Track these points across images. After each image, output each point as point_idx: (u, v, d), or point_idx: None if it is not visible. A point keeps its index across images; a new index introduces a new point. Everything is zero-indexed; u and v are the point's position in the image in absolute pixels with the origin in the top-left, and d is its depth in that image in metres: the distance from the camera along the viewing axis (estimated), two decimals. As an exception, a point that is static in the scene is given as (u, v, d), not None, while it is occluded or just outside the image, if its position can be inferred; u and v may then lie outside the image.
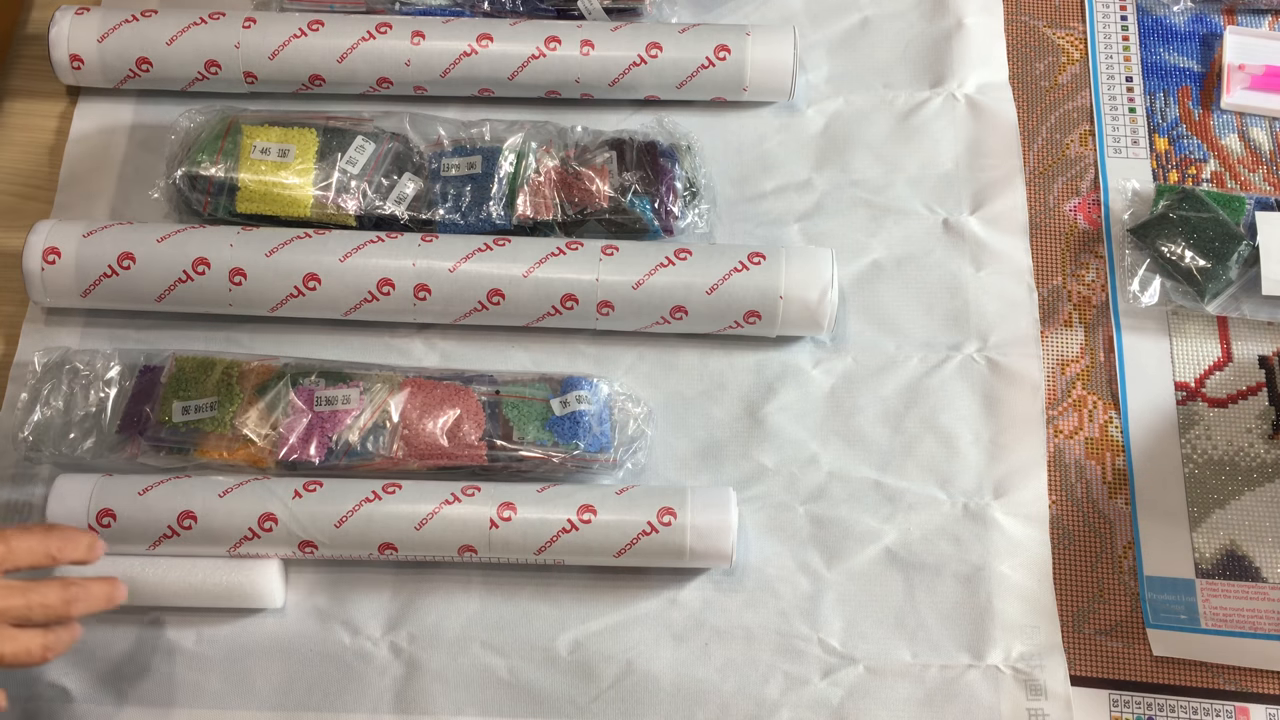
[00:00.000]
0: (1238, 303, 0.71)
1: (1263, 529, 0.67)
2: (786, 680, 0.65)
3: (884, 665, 0.65)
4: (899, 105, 0.78)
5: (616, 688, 0.65)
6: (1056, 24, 0.81)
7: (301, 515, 0.64)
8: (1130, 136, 0.78)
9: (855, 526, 0.68)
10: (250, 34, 0.75)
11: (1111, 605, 0.66)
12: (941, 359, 0.72)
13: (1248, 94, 0.78)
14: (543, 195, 0.72)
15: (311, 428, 0.66)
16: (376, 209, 0.72)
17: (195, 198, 0.72)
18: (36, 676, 0.65)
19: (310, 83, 0.76)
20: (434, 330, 0.73)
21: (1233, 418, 0.70)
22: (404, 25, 0.75)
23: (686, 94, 0.77)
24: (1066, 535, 0.68)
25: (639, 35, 0.76)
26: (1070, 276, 0.74)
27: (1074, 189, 0.76)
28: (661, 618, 0.66)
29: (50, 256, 0.69)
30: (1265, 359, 0.72)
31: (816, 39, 0.81)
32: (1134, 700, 0.64)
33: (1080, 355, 0.72)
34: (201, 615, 0.66)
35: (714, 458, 0.70)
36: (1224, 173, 0.76)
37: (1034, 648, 0.65)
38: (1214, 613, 0.66)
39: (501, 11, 0.79)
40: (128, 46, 0.75)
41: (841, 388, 0.71)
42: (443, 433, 0.67)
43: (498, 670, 0.65)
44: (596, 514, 0.64)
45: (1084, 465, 0.69)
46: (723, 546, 0.64)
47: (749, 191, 0.76)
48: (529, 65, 0.75)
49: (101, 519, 0.64)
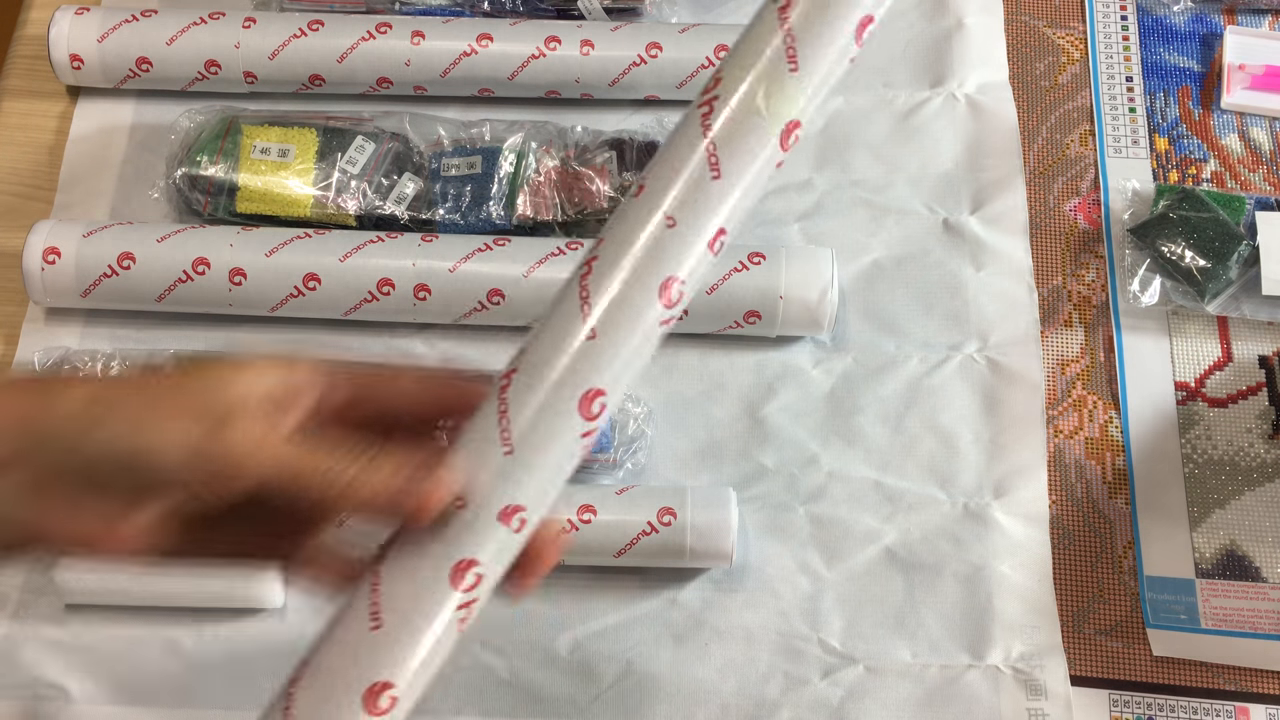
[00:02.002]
0: (1238, 303, 0.71)
1: (1263, 529, 0.67)
2: (786, 680, 0.65)
3: (884, 665, 0.65)
4: (899, 105, 0.78)
5: (616, 688, 0.65)
6: (1056, 24, 0.81)
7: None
8: (1130, 136, 0.78)
9: (855, 526, 0.68)
10: (250, 34, 0.75)
11: (1111, 605, 0.66)
12: (941, 359, 0.72)
13: (1248, 94, 0.78)
14: (543, 195, 0.72)
15: (311, 428, 0.66)
16: (376, 209, 0.72)
17: (195, 198, 0.72)
18: (36, 676, 0.65)
19: (310, 83, 0.76)
20: (434, 330, 0.73)
21: (1233, 418, 0.70)
22: (404, 25, 0.75)
23: (687, 94, 0.77)
24: (1066, 535, 0.68)
25: (639, 35, 0.76)
26: (1070, 276, 0.74)
27: (1074, 189, 0.76)
28: (661, 618, 0.66)
29: (50, 256, 0.69)
30: (1265, 359, 0.72)
31: (816, 39, 0.80)
32: (1134, 700, 0.64)
33: (1080, 355, 0.72)
34: (201, 615, 0.66)
35: (714, 458, 0.70)
36: (1224, 173, 0.76)
37: (1034, 648, 0.65)
38: (1214, 613, 0.66)
39: (501, 11, 0.79)
40: (127, 46, 0.75)
41: (841, 388, 0.71)
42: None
43: (498, 670, 0.65)
44: (596, 514, 0.64)
45: (1084, 465, 0.69)
46: (723, 546, 0.64)
47: (749, 191, 0.76)
48: (529, 65, 0.75)
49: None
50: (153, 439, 0.38)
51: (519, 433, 0.42)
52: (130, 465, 0.39)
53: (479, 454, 0.42)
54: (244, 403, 0.40)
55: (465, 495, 0.41)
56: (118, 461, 0.39)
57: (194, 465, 0.39)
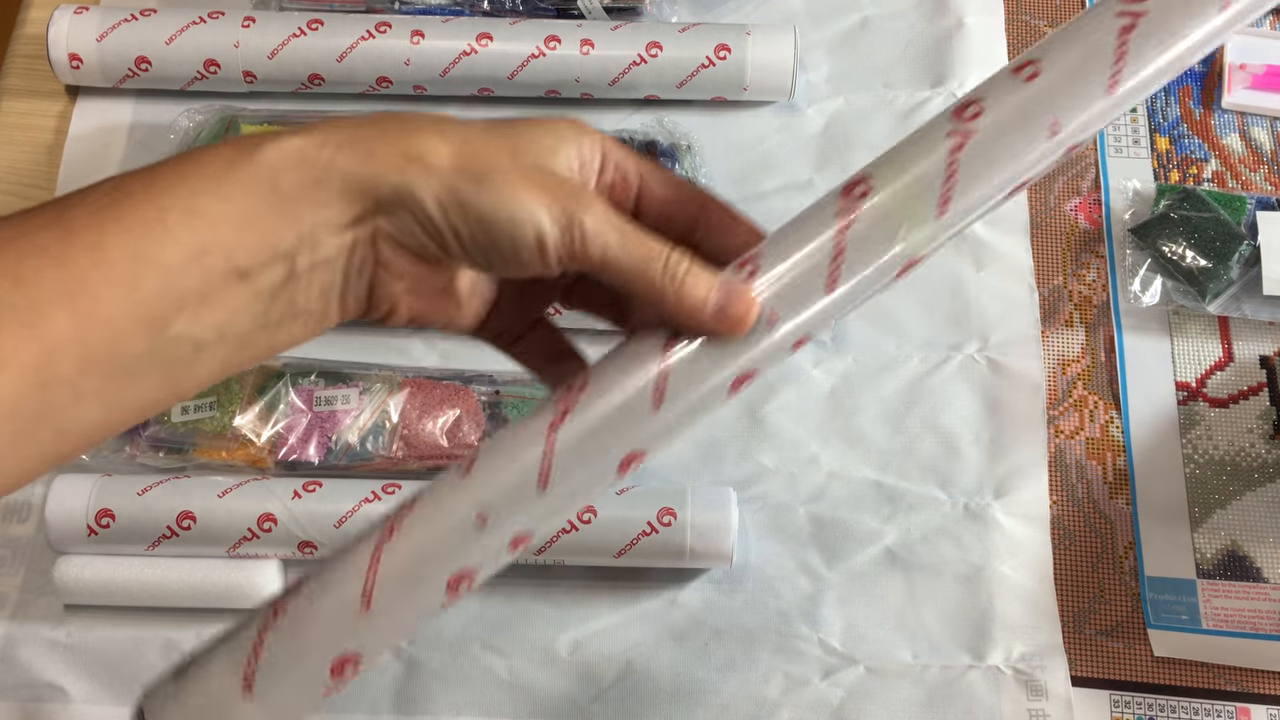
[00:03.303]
0: (1239, 303, 0.71)
1: (1264, 529, 0.67)
2: (787, 680, 0.65)
3: (884, 666, 0.65)
4: (899, 105, 0.78)
5: (616, 688, 0.65)
6: (1057, 23, 0.81)
7: (301, 515, 0.64)
8: (1131, 136, 0.78)
9: (855, 527, 0.68)
10: (249, 33, 0.75)
11: (1112, 606, 0.66)
12: (942, 359, 0.72)
13: (1249, 93, 0.78)
14: (542, 195, 0.72)
15: (311, 428, 0.66)
16: (376, 208, 0.72)
17: (194, 197, 0.72)
18: (36, 676, 0.65)
19: (310, 82, 0.76)
20: (434, 330, 0.72)
21: (1234, 418, 0.70)
22: (403, 25, 0.75)
23: (686, 93, 0.77)
24: (1067, 535, 0.68)
25: (639, 35, 0.76)
26: (1071, 276, 0.74)
27: (1075, 188, 0.76)
28: (661, 618, 0.66)
29: (49, 256, 0.69)
30: (1266, 359, 0.71)
31: (816, 38, 0.80)
32: (1135, 701, 0.64)
33: (1081, 355, 0.72)
34: (201, 615, 0.66)
35: (714, 458, 0.70)
36: (1225, 172, 0.76)
37: (1035, 648, 0.65)
38: (1215, 613, 0.65)
39: (501, 11, 0.78)
40: (127, 46, 0.75)
41: (842, 388, 0.71)
42: (442, 433, 0.67)
43: (497, 670, 0.65)
44: (596, 514, 0.64)
45: (1085, 465, 0.69)
46: (723, 546, 0.64)
47: (749, 191, 0.76)
48: (529, 65, 0.75)
49: (100, 519, 0.64)
50: (531, 210, 0.37)
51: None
52: (511, 235, 0.37)
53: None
54: (582, 179, 0.39)
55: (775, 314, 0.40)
56: (497, 230, 0.37)
57: (562, 241, 0.38)
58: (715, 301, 0.39)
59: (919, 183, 0.41)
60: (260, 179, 0.36)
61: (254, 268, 0.36)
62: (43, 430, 0.35)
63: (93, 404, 0.35)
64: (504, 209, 0.37)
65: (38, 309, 0.34)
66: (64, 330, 0.34)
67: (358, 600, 0.39)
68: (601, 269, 0.39)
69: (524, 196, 0.37)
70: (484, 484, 0.40)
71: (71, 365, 0.34)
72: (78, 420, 0.35)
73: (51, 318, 0.34)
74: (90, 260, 0.34)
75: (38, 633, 0.66)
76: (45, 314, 0.34)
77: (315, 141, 0.37)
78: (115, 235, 0.35)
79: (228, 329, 0.36)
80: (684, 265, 0.39)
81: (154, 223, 0.35)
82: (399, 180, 0.37)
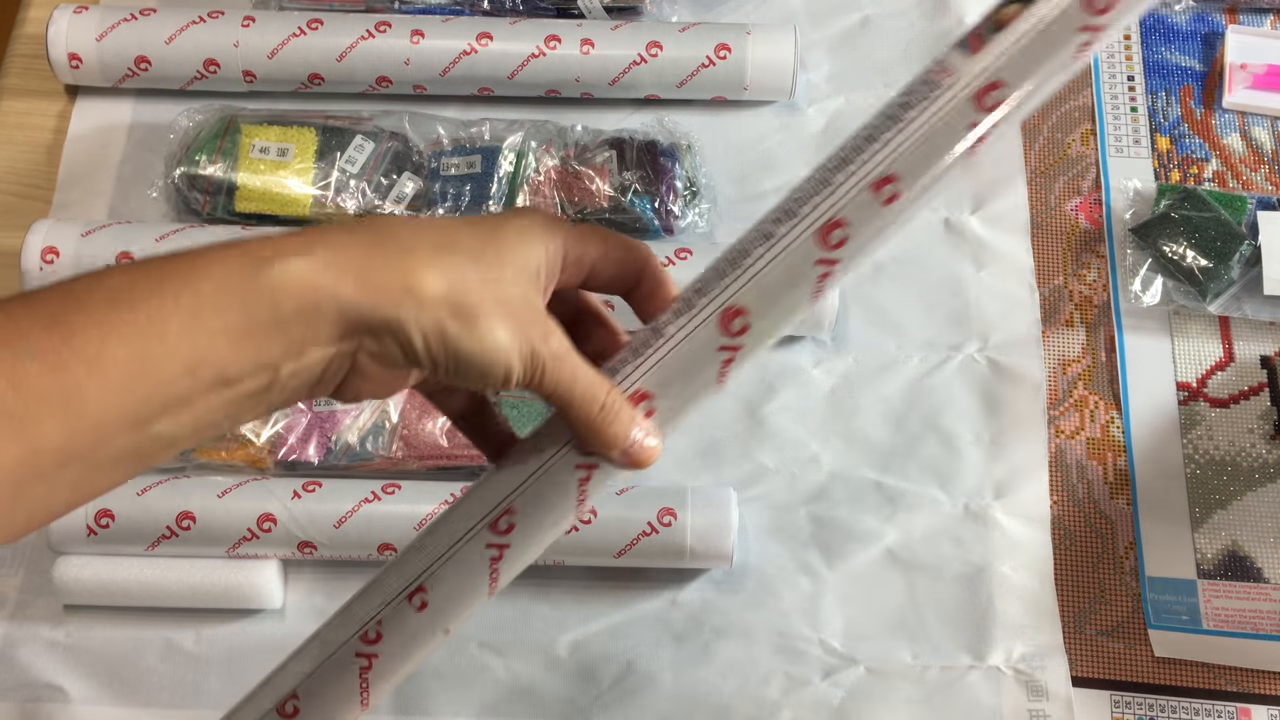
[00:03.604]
0: (1239, 303, 0.71)
1: (1264, 529, 0.67)
2: (787, 681, 0.65)
3: (885, 666, 0.65)
4: (900, 104, 0.78)
5: (616, 688, 0.65)
6: (1058, 23, 0.81)
7: (300, 516, 0.64)
8: (1132, 136, 0.78)
9: (856, 527, 0.68)
10: (249, 33, 0.75)
11: (1113, 606, 0.66)
12: (942, 359, 0.72)
13: (1249, 93, 0.78)
14: (542, 195, 0.72)
15: (311, 427, 0.66)
16: (376, 208, 0.72)
17: (194, 197, 0.72)
18: (35, 677, 0.65)
19: (309, 82, 0.76)
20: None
21: (1234, 418, 0.70)
22: (403, 24, 0.75)
23: (687, 93, 0.76)
24: (1068, 536, 0.68)
25: (639, 34, 0.76)
26: (1072, 276, 0.74)
27: (1075, 188, 0.76)
28: (661, 618, 0.66)
29: (49, 256, 0.69)
30: (1267, 359, 0.71)
31: (817, 38, 0.80)
32: (1135, 701, 0.64)
33: (1082, 355, 0.72)
34: (200, 615, 0.66)
35: (714, 458, 0.69)
36: (1226, 172, 0.76)
37: (1035, 648, 0.65)
38: (1216, 613, 0.65)
39: (501, 10, 0.78)
40: (126, 45, 0.75)
41: (842, 388, 0.71)
42: (442, 433, 0.66)
43: (497, 671, 0.65)
44: (596, 514, 0.64)
45: (1085, 465, 0.69)
46: (723, 546, 0.64)
47: (750, 191, 0.76)
48: (529, 64, 0.75)
49: (100, 520, 0.64)
50: (504, 350, 0.40)
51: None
52: (482, 369, 0.40)
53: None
54: (542, 296, 0.43)
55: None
56: (471, 364, 0.40)
57: (524, 376, 0.41)
58: (628, 445, 0.43)
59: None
60: (262, 300, 0.37)
61: (241, 377, 0.38)
62: (11, 514, 0.36)
63: (64, 489, 0.37)
64: (480, 349, 0.40)
65: (30, 414, 0.34)
66: (53, 435, 0.35)
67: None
68: (549, 398, 0.42)
69: (500, 335, 0.40)
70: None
71: (52, 462, 0.35)
72: (44, 502, 0.37)
73: (43, 423, 0.35)
74: (87, 370, 0.35)
75: (37, 633, 0.66)
76: (37, 419, 0.35)
77: (319, 266, 0.39)
78: (115, 347, 0.36)
79: (202, 423, 0.38)
80: (617, 407, 0.43)
81: (154, 337, 0.36)
82: (392, 314, 0.39)
